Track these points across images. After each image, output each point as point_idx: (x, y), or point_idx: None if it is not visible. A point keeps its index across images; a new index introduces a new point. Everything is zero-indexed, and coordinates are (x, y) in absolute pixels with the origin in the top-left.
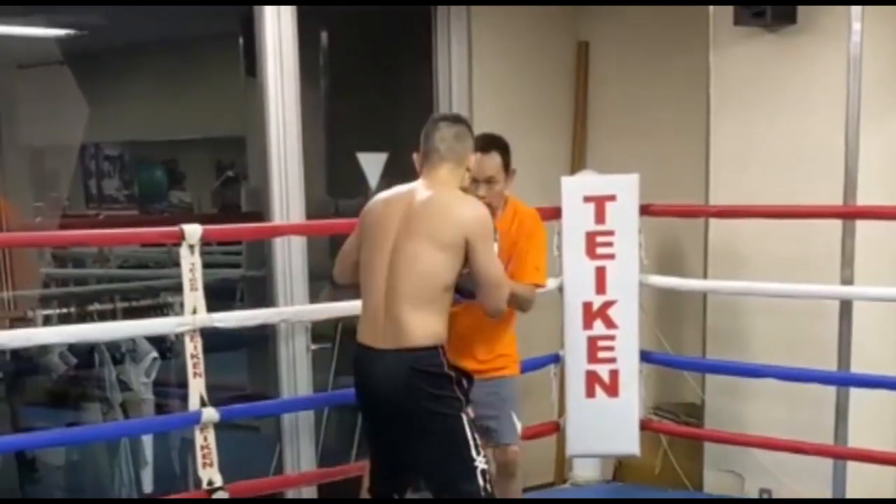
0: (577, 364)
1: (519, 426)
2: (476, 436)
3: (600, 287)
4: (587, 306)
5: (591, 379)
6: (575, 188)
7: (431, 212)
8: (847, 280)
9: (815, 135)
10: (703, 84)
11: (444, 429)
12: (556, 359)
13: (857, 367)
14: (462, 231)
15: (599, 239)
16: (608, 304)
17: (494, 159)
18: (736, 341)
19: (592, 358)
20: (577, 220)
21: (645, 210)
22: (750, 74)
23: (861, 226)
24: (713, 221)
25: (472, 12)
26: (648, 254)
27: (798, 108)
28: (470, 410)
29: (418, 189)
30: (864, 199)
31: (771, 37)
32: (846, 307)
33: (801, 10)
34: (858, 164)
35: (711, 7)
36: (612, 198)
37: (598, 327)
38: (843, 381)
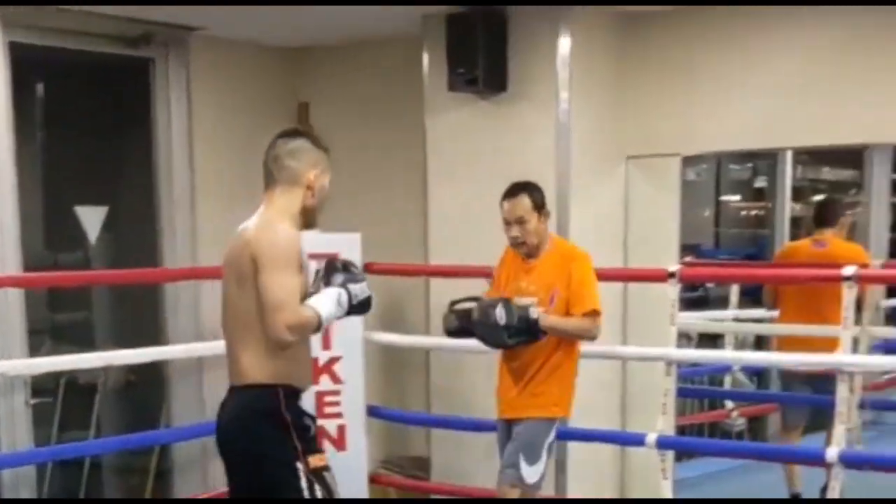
0: None
1: (530, 471)
2: (316, 490)
3: (326, 343)
4: (313, 362)
5: (320, 434)
6: None
7: (238, 243)
8: None
9: None
10: (422, 146)
11: (272, 476)
12: None
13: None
14: (249, 253)
15: None
16: (334, 360)
17: (522, 201)
18: (459, 396)
19: (320, 413)
20: None
21: (367, 268)
22: (464, 139)
23: None
24: (433, 280)
25: (191, 69)
26: (373, 311)
27: (511, 172)
28: (315, 460)
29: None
30: None
31: (484, 103)
32: None
33: (512, 79)
34: (569, 227)
35: (426, 72)
36: (335, 256)
37: (325, 383)
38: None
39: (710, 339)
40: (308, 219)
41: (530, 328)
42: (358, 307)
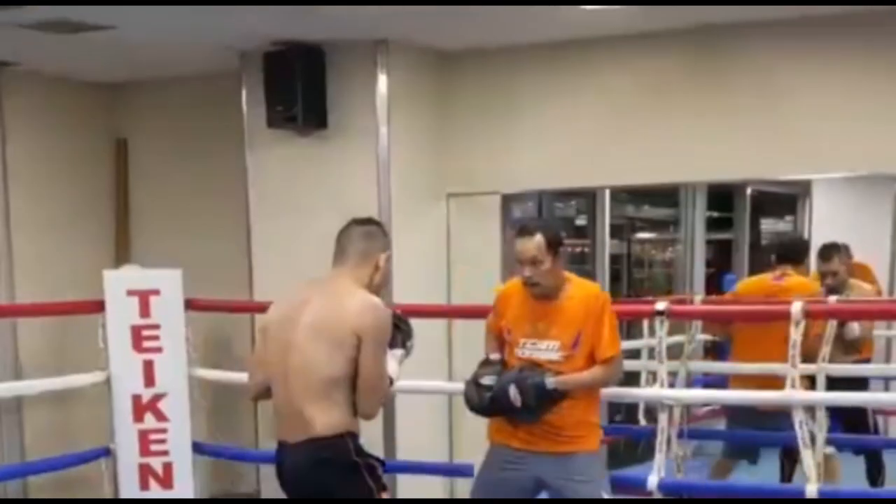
0: (128, 457)
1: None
2: None
3: (149, 380)
4: (136, 399)
5: (145, 471)
6: (118, 282)
7: (335, 308)
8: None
9: None
10: (243, 182)
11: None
12: (107, 452)
13: (402, 454)
14: (351, 327)
15: (145, 332)
16: (158, 397)
17: (532, 241)
18: None
19: (145, 451)
20: (121, 313)
21: (190, 304)
22: (286, 175)
23: None
24: (259, 316)
25: (4, 105)
26: (198, 347)
27: (332, 208)
28: (386, 495)
29: (319, 287)
30: (399, 295)
31: (304, 140)
32: (389, 400)
33: (332, 116)
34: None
35: (245, 109)
36: (156, 292)
37: (150, 420)
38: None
39: None
40: (370, 292)
41: (549, 398)
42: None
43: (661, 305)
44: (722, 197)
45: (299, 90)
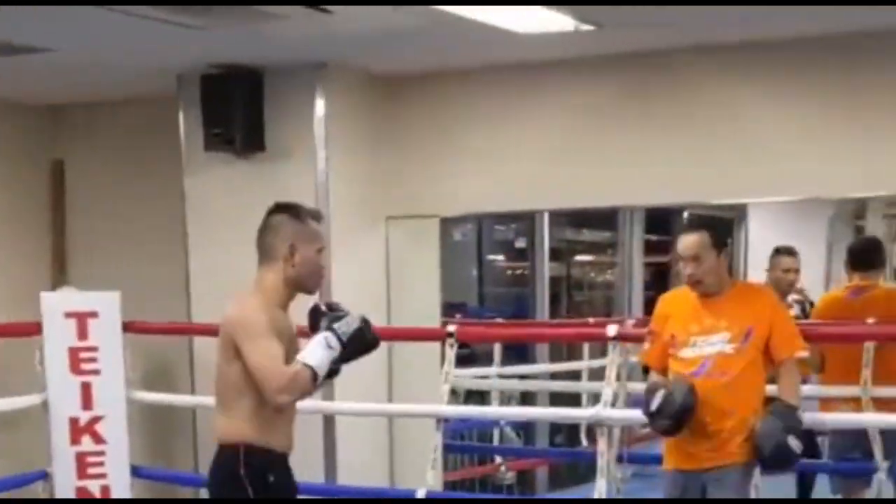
0: (66, 480)
1: None
2: None
3: (87, 403)
4: (74, 422)
5: (82, 495)
6: (55, 304)
7: (223, 321)
8: (329, 395)
9: None
10: (181, 205)
11: None
12: (44, 475)
13: (343, 478)
14: (226, 332)
15: (83, 355)
16: (96, 420)
17: (694, 237)
18: None
19: (82, 474)
20: (58, 335)
21: (128, 327)
22: (224, 198)
23: None
24: (198, 338)
25: None
26: (136, 369)
27: None
28: None
29: None
30: None
31: (242, 163)
32: (329, 421)
33: (270, 139)
34: (331, 284)
35: (182, 132)
36: (94, 314)
37: (87, 443)
38: (330, 492)
39: (478, 395)
40: (298, 287)
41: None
42: (353, 342)
43: (612, 330)
44: (660, 220)
45: (237, 113)
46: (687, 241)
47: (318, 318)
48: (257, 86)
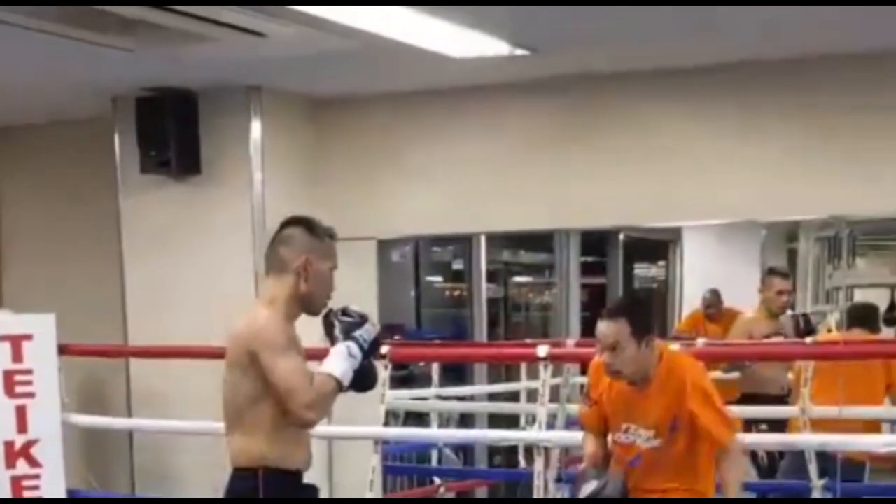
0: None
1: None
2: None
3: (21, 426)
4: (9, 446)
5: None
6: None
7: (232, 334)
8: None
9: (227, 278)
10: (117, 228)
11: None
12: None
13: None
14: (241, 346)
15: (18, 378)
16: (31, 444)
17: (612, 326)
18: (164, 477)
19: (17, 498)
20: None
21: (63, 350)
22: (160, 220)
23: None
24: (134, 361)
25: None
26: (72, 393)
27: (208, 253)
28: None
29: None
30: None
31: (178, 185)
32: None
33: (206, 161)
34: None
35: (118, 154)
36: (28, 337)
37: (22, 467)
38: None
39: (417, 416)
40: (306, 305)
41: None
42: (373, 348)
43: (541, 351)
44: (595, 243)
45: (172, 135)
46: (604, 329)
47: (331, 328)
48: (192, 108)
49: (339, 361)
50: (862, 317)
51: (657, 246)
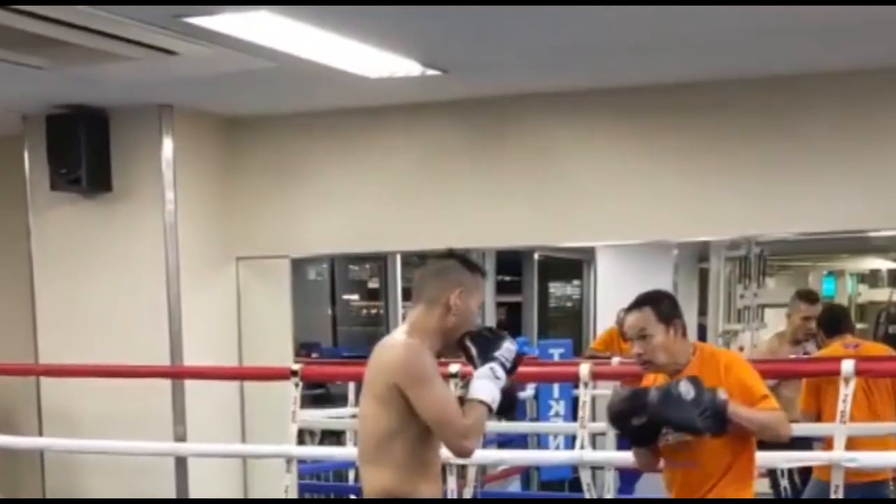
0: None
1: None
2: None
3: None
4: None
5: None
6: None
7: (375, 364)
8: (180, 437)
9: (140, 297)
10: (27, 245)
11: None
12: None
13: None
14: (385, 378)
15: None
16: None
17: (637, 315)
18: (77, 496)
19: None
20: None
21: None
22: (71, 238)
23: (189, 384)
24: (45, 380)
25: None
26: None
27: (120, 271)
28: None
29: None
30: (190, 359)
31: (89, 203)
32: (181, 463)
33: (117, 179)
34: (182, 324)
35: (28, 172)
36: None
37: None
38: None
39: (336, 435)
40: (448, 338)
41: (719, 412)
42: (514, 367)
43: (453, 368)
44: (511, 261)
45: (83, 153)
46: (629, 321)
47: (470, 352)
48: (103, 126)
49: (487, 385)
50: (837, 322)
51: (572, 265)
